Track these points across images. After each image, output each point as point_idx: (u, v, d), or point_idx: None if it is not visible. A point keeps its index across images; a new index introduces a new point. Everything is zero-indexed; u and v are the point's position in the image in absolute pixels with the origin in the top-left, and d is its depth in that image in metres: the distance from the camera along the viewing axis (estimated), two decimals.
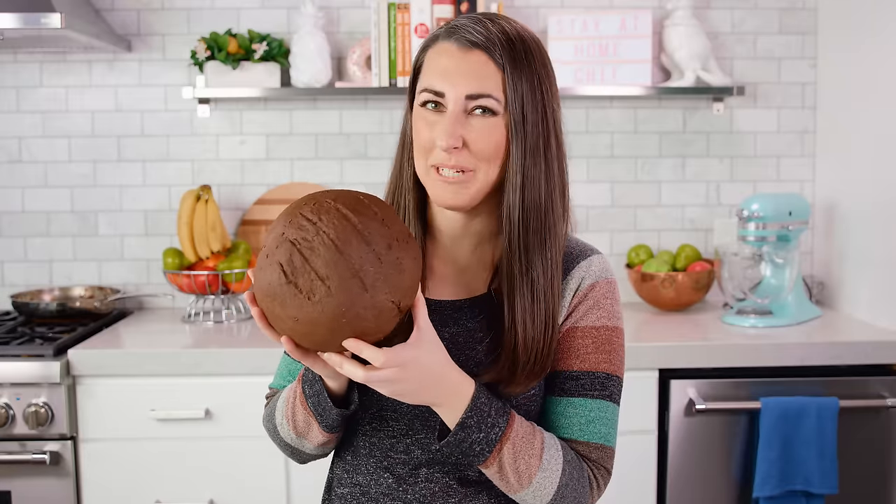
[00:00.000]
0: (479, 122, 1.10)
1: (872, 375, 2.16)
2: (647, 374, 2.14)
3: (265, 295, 1.01)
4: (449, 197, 1.13)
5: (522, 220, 1.12)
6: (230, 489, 2.13)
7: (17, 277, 2.67)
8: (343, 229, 0.99)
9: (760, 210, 2.35)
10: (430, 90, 1.12)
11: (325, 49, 2.50)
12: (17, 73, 2.62)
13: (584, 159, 2.70)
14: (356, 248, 0.99)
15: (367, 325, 0.99)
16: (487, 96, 1.10)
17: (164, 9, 2.62)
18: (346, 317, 0.98)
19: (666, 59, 2.61)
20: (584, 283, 1.19)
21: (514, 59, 1.10)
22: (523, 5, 2.65)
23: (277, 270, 0.99)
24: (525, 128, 1.11)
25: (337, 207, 1.01)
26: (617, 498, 2.15)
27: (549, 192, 1.14)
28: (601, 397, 1.17)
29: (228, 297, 2.50)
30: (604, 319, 1.19)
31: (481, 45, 1.10)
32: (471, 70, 1.10)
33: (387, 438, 1.17)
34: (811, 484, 2.10)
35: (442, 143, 1.10)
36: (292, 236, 1.00)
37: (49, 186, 2.65)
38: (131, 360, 2.12)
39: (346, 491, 1.21)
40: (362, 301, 0.98)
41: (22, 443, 2.08)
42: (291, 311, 0.99)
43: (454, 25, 1.14)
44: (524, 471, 1.09)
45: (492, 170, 1.12)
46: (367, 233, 1.00)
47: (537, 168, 1.12)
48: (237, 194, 2.67)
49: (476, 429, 1.06)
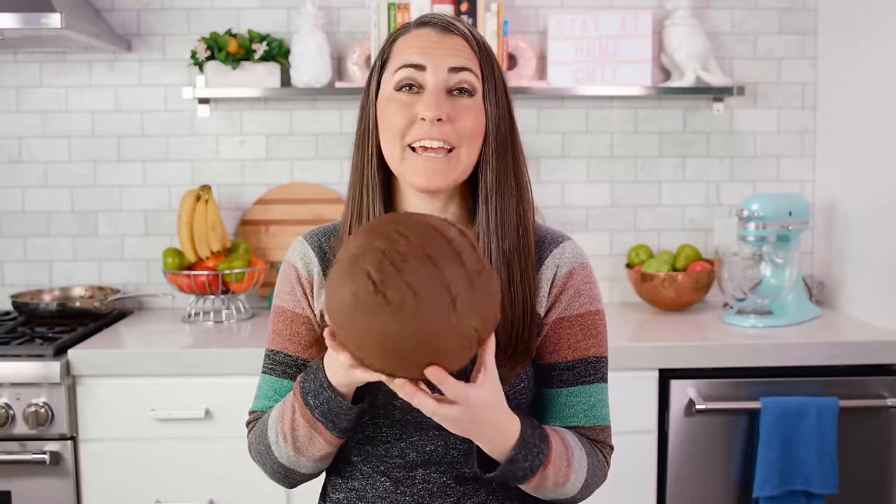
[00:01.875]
0: (460, 101, 1.13)
1: (872, 375, 2.16)
2: (647, 374, 2.14)
3: (346, 306, 0.92)
4: (431, 176, 1.12)
5: (500, 205, 1.15)
6: (230, 489, 2.13)
7: (17, 277, 2.67)
8: (438, 246, 0.94)
9: (760, 210, 2.35)
10: (409, 64, 1.12)
11: (325, 49, 2.50)
12: (17, 73, 2.62)
13: (584, 159, 2.70)
14: (450, 266, 0.93)
15: (449, 351, 0.93)
16: (468, 70, 1.12)
17: (164, 9, 2.62)
18: (434, 337, 0.92)
19: (666, 59, 2.61)
20: (561, 272, 1.20)
21: (486, 49, 1.16)
22: (523, 5, 2.65)
23: (364, 279, 0.91)
24: (497, 114, 1.14)
25: (431, 224, 0.96)
26: (617, 498, 2.15)
27: (520, 179, 1.18)
28: (596, 381, 1.21)
29: (228, 297, 2.50)
30: (587, 305, 1.21)
31: (458, 32, 1.14)
32: (450, 48, 1.13)
33: (381, 445, 1.17)
34: (811, 484, 2.10)
35: (430, 113, 1.09)
36: (382, 246, 0.93)
37: (49, 186, 2.65)
38: (131, 360, 2.12)
39: (342, 496, 1.21)
40: (450, 323, 0.92)
41: (22, 443, 2.08)
42: (378, 323, 0.91)
43: (425, 16, 1.17)
44: (561, 480, 1.11)
45: (472, 151, 1.14)
46: (462, 253, 0.95)
47: (507, 156, 1.16)
48: (237, 194, 2.67)
49: (523, 460, 1.06)
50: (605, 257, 2.71)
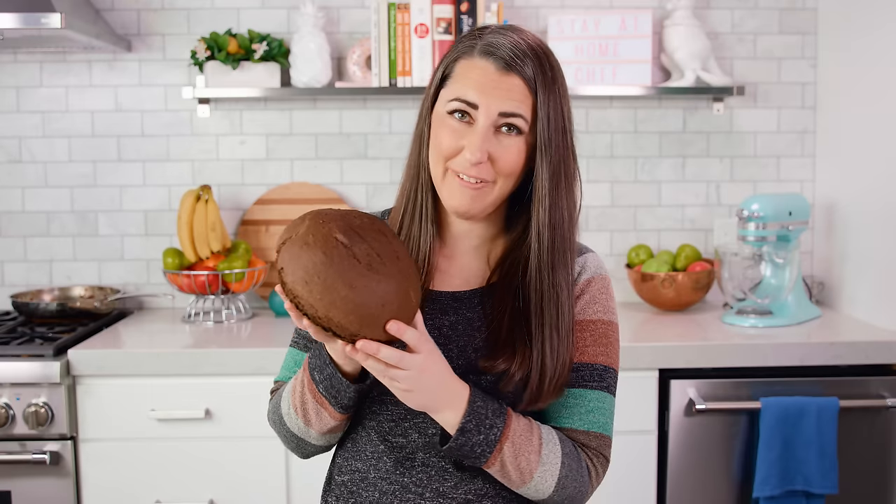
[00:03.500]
0: (506, 140, 1.16)
1: (872, 375, 2.16)
2: (647, 374, 2.14)
3: (318, 266, 0.99)
4: (465, 202, 1.17)
5: (551, 238, 1.18)
6: (230, 489, 2.13)
7: (17, 277, 2.67)
8: (381, 226, 1.06)
9: (760, 210, 2.35)
10: (463, 100, 1.15)
11: (325, 49, 2.50)
12: (17, 73, 2.62)
13: (584, 159, 2.70)
14: (394, 240, 1.06)
15: (403, 312, 1.02)
16: (519, 116, 1.15)
17: (164, 9, 2.62)
18: (395, 295, 1.01)
19: (666, 59, 2.61)
20: (581, 278, 1.24)
21: (544, 82, 1.16)
22: (523, 5, 2.65)
23: (334, 241, 1.01)
24: (551, 149, 1.17)
25: (360, 213, 1.07)
26: (617, 498, 2.15)
27: (570, 207, 1.20)
28: (599, 388, 1.22)
29: (228, 297, 2.50)
30: (600, 314, 1.23)
31: (517, 70, 1.15)
32: (506, 91, 1.14)
33: (386, 422, 1.21)
34: (811, 484, 2.10)
35: (472, 157, 1.14)
36: (340, 222, 1.04)
37: (49, 186, 2.65)
38: (131, 360, 2.12)
39: (346, 478, 1.24)
40: (403, 287, 1.02)
41: (22, 443, 2.08)
42: (349, 279, 0.99)
43: (491, 43, 1.16)
44: (525, 467, 1.13)
45: (508, 184, 1.18)
46: (395, 237, 1.08)
47: (560, 187, 1.18)
48: (237, 194, 2.67)
49: (475, 431, 1.10)
50: (606, 257, 2.71)
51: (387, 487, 1.19)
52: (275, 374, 2.06)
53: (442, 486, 1.18)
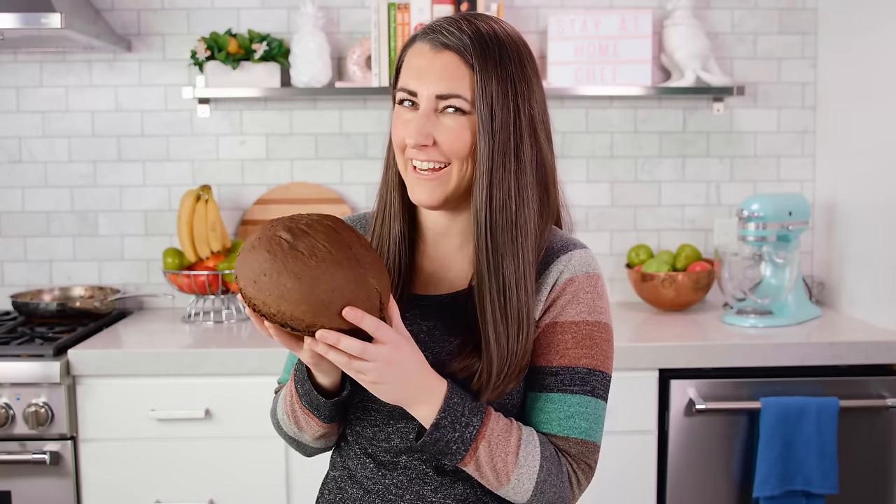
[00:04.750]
0: (449, 120, 1.13)
1: (872, 375, 2.16)
2: (647, 374, 2.14)
3: (263, 264, 1.01)
4: (424, 194, 1.15)
5: (489, 219, 1.13)
6: (230, 489, 2.13)
7: (17, 277, 2.67)
8: (333, 221, 1.08)
9: (760, 210, 2.35)
10: (404, 89, 1.16)
11: (325, 49, 2.50)
12: (17, 73, 2.62)
13: (584, 159, 2.70)
14: (348, 232, 1.07)
15: (359, 298, 1.02)
16: (456, 96, 1.12)
17: (164, 9, 2.62)
18: (345, 280, 1.01)
19: (666, 59, 2.61)
20: (562, 278, 1.18)
21: (484, 59, 1.12)
22: (523, 5, 2.65)
23: (277, 239, 1.02)
24: (493, 127, 1.12)
25: (312, 214, 1.09)
26: (617, 498, 2.15)
27: (520, 189, 1.14)
28: (581, 392, 1.16)
29: (228, 297, 2.50)
30: (584, 314, 1.17)
31: (452, 47, 1.13)
32: (440, 70, 1.13)
33: (369, 427, 1.21)
34: (811, 484, 2.10)
35: (410, 141, 1.13)
36: (287, 223, 1.05)
37: (49, 186, 2.65)
38: (131, 360, 2.12)
39: (338, 474, 1.27)
40: (357, 273, 1.03)
41: (22, 443, 2.08)
42: (293, 268, 1.00)
43: (430, 27, 1.16)
44: (501, 468, 1.11)
45: (466, 167, 1.14)
46: (351, 231, 1.08)
47: (507, 169, 1.13)
48: (237, 194, 2.67)
49: (450, 428, 1.09)
50: (605, 257, 2.71)
51: (371, 487, 1.20)
52: (275, 374, 2.06)
53: (422, 490, 1.18)
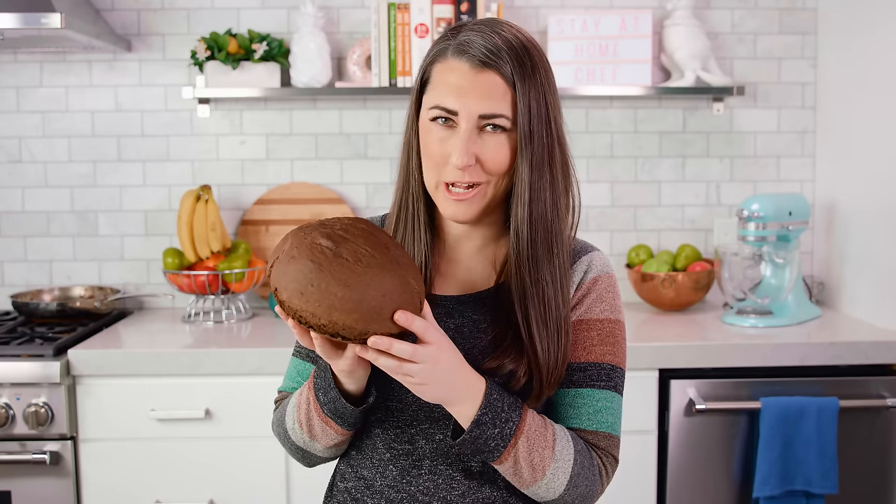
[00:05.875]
0: (491, 139, 1.13)
1: (872, 375, 2.16)
2: (647, 373, 2.14)
3: (308, 274, 0.98)
4: (459, 213, 1.16)
5: (531, 232, 1.15)
6: (230, 489, 2.13)
7: (17, 277, 2.67)
8: (367, 224, 1.06)
9: (760, 210, 2.35)
10: (441, 107, 1.13)
11: (325, 49, 2.50)
12: (17, 73, 2.62)
13: (584, 159, 2.70)
14: (382, 235, 1.05)
15: (406, 300, 1.01)
16: (499, 116, 1.12)
17: (164, 9, 2.62)
18: (393, 284, 1.00)
19: (666, 59, 2.61)
20: (588, 277, 1.23)
21: (522, 76, 1.12)
22: (523, 5, 2.65)
23: (318, 247, 1.00)
24: (532, 142, 1.13)
25: (342, 218, 1.07)
26: (617, 498, 2.15)
27: (555, 200, 1.17)
28: (607, 388, 1.20)
29: (228, 297, 2.50)
30: (607, 312, 1.22)
31: (492, 65, 1.12)
32: (483, 90, 1.12)
33: (392, 429, 1.19)
34: (811, 484, 2.10)
35: (457, 162, 1.12)
36: (320, 229, 1.03)
37: (49, 186, 2.65)
38: (131, 360, 2.12)
39: (351, 485, 1.23)
40: (400, 275, 1.01)
41: (22, 443, 2.08)
42: (341, 276, 0.97)
43: (464, 41, 1.14)
44: (538, 463, 1.12)
45: (501, 182, 1.16)
46: (384, 232, 1.07)
47: (543, 179, 1.15)
48: (237, 194, 2.67)
49: (491, 425, 1.09)
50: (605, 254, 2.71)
51: (393, 496, 1.18)
52: (275, 374, 2.06)
53: (449, 495, 1.16)
